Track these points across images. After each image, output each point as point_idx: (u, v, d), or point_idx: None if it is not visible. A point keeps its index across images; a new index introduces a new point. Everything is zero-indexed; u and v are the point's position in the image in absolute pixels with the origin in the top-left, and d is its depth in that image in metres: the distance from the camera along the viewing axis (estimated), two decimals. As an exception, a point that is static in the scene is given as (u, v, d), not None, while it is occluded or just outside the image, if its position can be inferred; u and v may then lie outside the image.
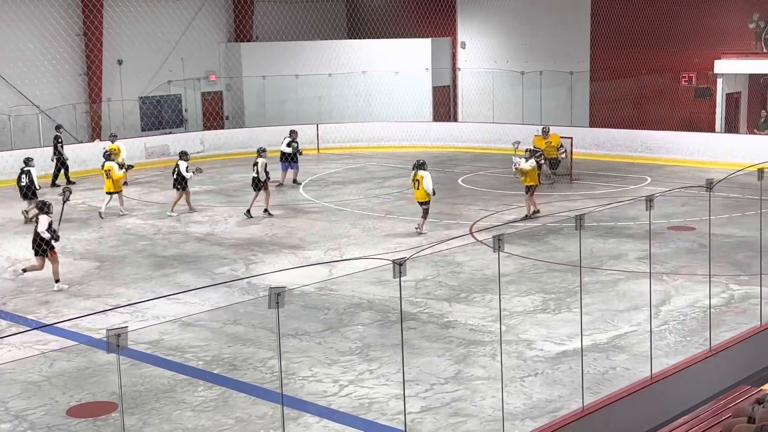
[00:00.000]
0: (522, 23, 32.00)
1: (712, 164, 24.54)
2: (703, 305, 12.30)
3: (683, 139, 25.99)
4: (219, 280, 14.96)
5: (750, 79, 27.67)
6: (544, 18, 31.29)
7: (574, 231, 8.61)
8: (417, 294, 13.83)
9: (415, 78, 32.68)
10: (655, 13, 28.30)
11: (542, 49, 31.43)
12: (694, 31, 27.94)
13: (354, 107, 32.40)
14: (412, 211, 20.03)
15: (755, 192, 16.52)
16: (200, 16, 31.85)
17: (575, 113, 29.94)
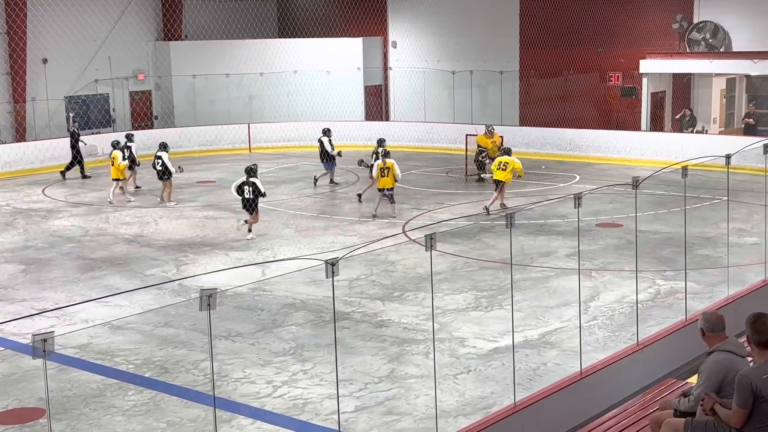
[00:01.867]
0: (452, 23, 32.26)
1: (638, 162, 25.08)
2: (631, 300, 12.55)
3: (610, 138, 26.52)
4: (149, 282, 14.76)
5: (674, 79, 28.35)
6: (475, 18, 31.58)
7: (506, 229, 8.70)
8: (350, 293, 13.83)
9: (346, 77, 32.68)
10: (582, 13, 28.80)
11: (473, 49, 31.73)
12: (620, 32, 28.53)
13: (286, 106, 32.25)
14: (345, 211, 20.04)
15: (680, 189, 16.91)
16: (127, 14, 31.33)
17: (505, 112, 30.29)
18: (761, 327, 5.78)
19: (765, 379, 5.66)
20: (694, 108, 28.28)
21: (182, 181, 23.95)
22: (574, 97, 30.14)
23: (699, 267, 14.47)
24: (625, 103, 29.14)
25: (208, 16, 32.50)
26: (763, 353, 5.78)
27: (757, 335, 5.79)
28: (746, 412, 5.71)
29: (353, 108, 32.81)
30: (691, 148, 23.16)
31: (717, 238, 16.19)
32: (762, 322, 5.79)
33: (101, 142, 28.08)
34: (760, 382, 5.66)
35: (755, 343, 5.81)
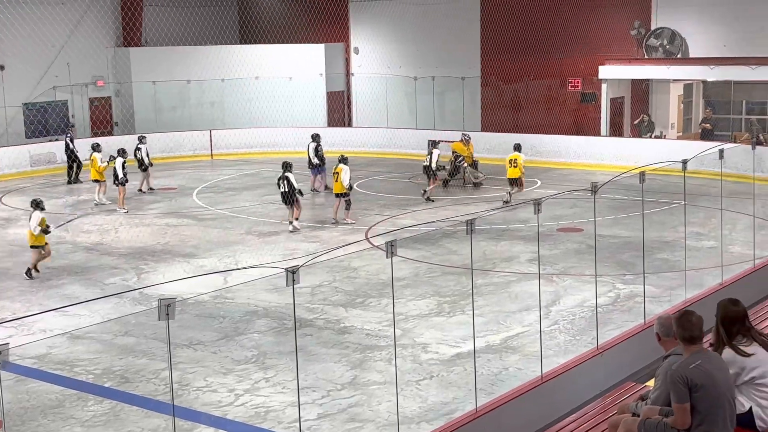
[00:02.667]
0: (414, 29, 32.38)
1: (598, 167, 25.33)
2: (592, 305, 12.66)
3: (571, 143, 26.77)
4: (109, 291, 14.61)
5: (632, 84, 28.69)
6: (436, 24, 31.73)
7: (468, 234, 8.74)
8: (313, 300, 13.80)
9: (309, 83, 32.65)
10: (542, 20, 29.06)
11: (434, 55, 31.87)
12: (580, 38, 28.81)
13: (248, 113, 32.12)
14: (307, 217, 20.00)
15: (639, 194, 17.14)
16: (86, 20, 31.01)
17: (467, 118, 30.44)
18: (686, 323, 5.99)
19: (693, 368, 5.83)
20: (652, 113, 28.63)
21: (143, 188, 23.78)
22: (534, 102, 30.39)
23: (658, 271, 14.64)
24: (585, 109, 29.43)
25: (168, 22, 32.26)
26: (689, 348, 5.99)
27: (682, 331, 6.00)
28: (687, 407, 5.83)
29: (315, 114, 32.79)
30: (650, 153, 23.42)
31: (675, 242, 16.40)
32: (687, 319, 6.00)
33: (60, 150, 27.76)
34: (690, 372, 5.83)
35: (681, 339, 6.03)
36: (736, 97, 28.02)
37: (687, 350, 5.99)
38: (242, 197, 22.98)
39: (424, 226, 18.79)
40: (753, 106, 27.95)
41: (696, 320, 5.99)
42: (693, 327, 5.96)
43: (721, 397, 5.84)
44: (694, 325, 5.97)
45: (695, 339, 5.96)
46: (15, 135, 29.11)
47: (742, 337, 6.24)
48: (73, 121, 30.75)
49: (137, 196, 22.94)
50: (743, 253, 14.64)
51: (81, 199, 23.09)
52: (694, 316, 6.02)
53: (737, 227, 17.52)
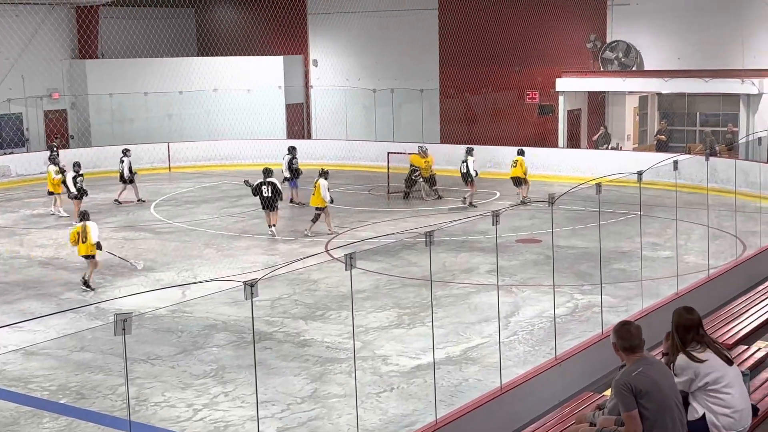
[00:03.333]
0: (373, 41, 32.49)
1: (556, 178, 25.55)
2: (550, 315, 12.75)
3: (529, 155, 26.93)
4: (65, 305, 14.40)
5: (589, 97, 29.04)
6: (395, 36, 31.87)
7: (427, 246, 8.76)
8: (273, 313, 13.73)
9: (267, 95, 32.58)
10: (500, 33, 29.31)
11: (393, 67, 31.99)
12: (537, 51, 29.12)
13: (206, 125, 31.96)
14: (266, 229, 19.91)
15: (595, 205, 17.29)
16: (41, 32, 30.64)
17: (426, 130, 30.57)
18: (626, 333, 6.13)
19: (636, 375, 5.95)
20: (608, 125, 28.99)
21: (99, 202, 23.53)
22: (493, 114, 30.61)
23: (615, 281, 14.80)
24: (543, 121, 29.71)
25: (125, 34, 32.02)
26: (631, 357, 6.10)
27: (622, 341, 6.13)
28: (636, 414, 5.94)
29: (274, 126, 32.70)
30: (607, 165, 23.67)
31: (632, 253, 16.59)
32: (626, 329, 6.14)
33: (15, 163, 27.41)
34: (633, 380, 5.96)
35: (622, 349, 6.16)
36: (690, 109, 28.50)
37: (629, 359, 6.13)
38: (201, 210, 22.82)
39: (384, 238, 18.81)
40: (707, 118, 28.44)
41: (635, 330, 6.14)
42: (632, 336, 6.12)
43: (667, 400, 5.97)
44: (633, 334, 6.12)
45: (635, 348, 6.11)
46: (-32, 148, 28.66)
47: (696, 344, 6.35)
48: (28, 134, 30.35)
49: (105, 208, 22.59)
50: (698, 262, 14.84)
51: (36, 212, 22.77)
52: (632, 326, 6.17)
53: (692, 237, 17.77)
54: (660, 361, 6.27)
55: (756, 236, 16.09)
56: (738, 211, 16.27)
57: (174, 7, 33.94)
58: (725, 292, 12.30)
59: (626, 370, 6.05)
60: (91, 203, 22.19)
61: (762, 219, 16.83)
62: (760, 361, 9.02)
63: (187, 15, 35.55)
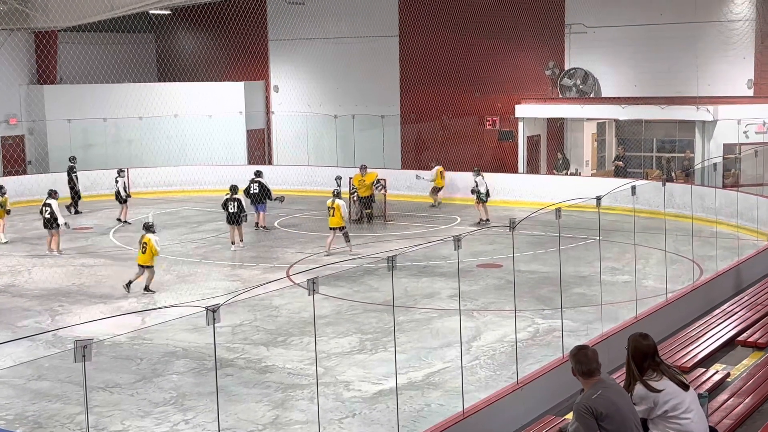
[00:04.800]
0: (334, 68, 32.61)
1: (516, 203, 25.76)
2: (512, 339, 12.81)
3: (489, 180, 27.13)
4: (21, 333, 14.17)
5: (548, 123, 29.37)
6: (356, 63, 32.03)
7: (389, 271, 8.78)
8: (234, 339, 13.64)
9: (228, 121, 32.51)
10: (460, 59, 29.59)
11: (354, 93, 32.13)
12: (497, 77, 29.44)
13: (166, 151, 31.75)
14: (228, 256, 19.82)
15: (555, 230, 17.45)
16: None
17: (387, 155, 30.69)
18: (583, 358, 6.21)
19: (596, 398, 6.03)
20: (567, 151, 29.33)
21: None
22: (453, 140, 30.82)
23: (575, 305, 14.92)
24: (503, 147, 29.97)
25: (84, 60, 31.75)
26: (588, 381, 6.17)
27: (580, 365, 6.20)
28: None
29: (235, 152, 32.61)
30: (566, 190, 23.95)
31: (591, 277, 16.74)
32: (583, 354, 6.22)
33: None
34: (593, 402, 6.03)
35: (580, 373, 6.22)
36: (647, 135, 28.92)
37: (587, 383, 6.20)
38: (161, 236, 22.55)
39: (346, 263, 18.80)
40: (663, 144, 28.88)
41: (591, 354, 6.22)
42: (590, 361, 6.19)
43: (627, 421, 6.06)
44: (590, 358, 6.20)
45: (593, 371, 6.18)
46: None
47: (652, 372, 6.39)
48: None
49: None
50: (656, 287, 15.03)
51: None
52: (589, 350, 6.26)
53: (650, 262, 18.00)
54: (616, 383, 6.34)
55: (712, 260, 16.33)
56: (695, 236, 16.52)
57: (134, 33, 33.83)
58: (683, 316, 12.48)
59: (586, 393, 6.12)
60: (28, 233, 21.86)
61: (718, 243, 17.10)
62: (717, 383, 9.15)
63: (147, 40, 35.44)
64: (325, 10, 31.56)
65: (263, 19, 33.34)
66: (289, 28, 32.78)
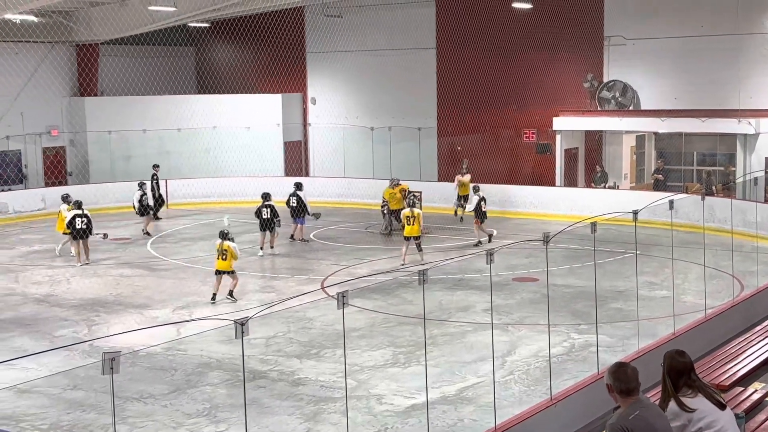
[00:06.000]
0: (371, 80, 32.68)
1: (553, 217, 25.54)
2: (547, 354, 12.66)
3: (526, 193, 27.04)
4: (59, 343, 14.31)
5: (586, 136, 29.13)
6: (393, 75, 32.05)
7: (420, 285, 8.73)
8: (267, 351, 13.65)
9: (266, 133, 32.70)
10: (497, 71, 29.49)
11: (391, 106, 32.14)
12: (534, 90, 29.28)
13: (204, 162, 32.02)
14: (264, 266, 19.87)
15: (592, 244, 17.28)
16: (42, 69, 30.84)
17: (424, 168, 30.64)
18: (622, 376, 6.01)
19: (633, 419, 5.84)
20: (605, 164, 29.06)
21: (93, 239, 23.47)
22: (490, 153, 30.69)
23: (611, 320, 14.73)
24: (540, 160, 29.78)
25: (124, 72, 32.20)
26: (627, 399, 5.98)
27: (618, 383, 6.01)
28: None
29: (273, 164, 32.78)
30: (603, 204, 23.69)
31: (628, 292, 16.52)
32: (623, 371, 6.02)
33: (12, 199, 27.44)
34: (630, 423, 5.84)
35: (618, 391, 6.03)
36: (687, 149, 28.57)
37: (624, 402, 6.01)
38: (198, 247, 22.78)
39: (380, 276, 18.76)
40: (704, 157, 28.51)
41: (631, 372, 6.04)
42: (629, 379, 6.00)
43: None
44: (630, 377, 6.01)
45: (632, 390, 5.99)
46: (-33, 184, 28.69)
47: (687, 389, 6.26)
48: (26, 171, 30.42)
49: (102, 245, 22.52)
50: (695, 302, 14.79)
51: (33, 249, 22.72)
52: (629, 368, 6.07)
53: (689, 277, 17.72)
54: (654, 404, 6.18)
55: (753, 276, 16.04)
56: (735, 251, 16.24)
57: (174, 45, 34.22)
58: (722, 333, 12.24)
59: (622, 413, 5.96)
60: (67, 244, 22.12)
61: (759, 258, 16.79)
62: (756, 403, 8.94)
63: (186, 53, 35.82)
64: (362, 23, 31.67)
65: (301, 32, 33.54)
66: (326, 40, 32.92)
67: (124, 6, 29.12)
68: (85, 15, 30.38)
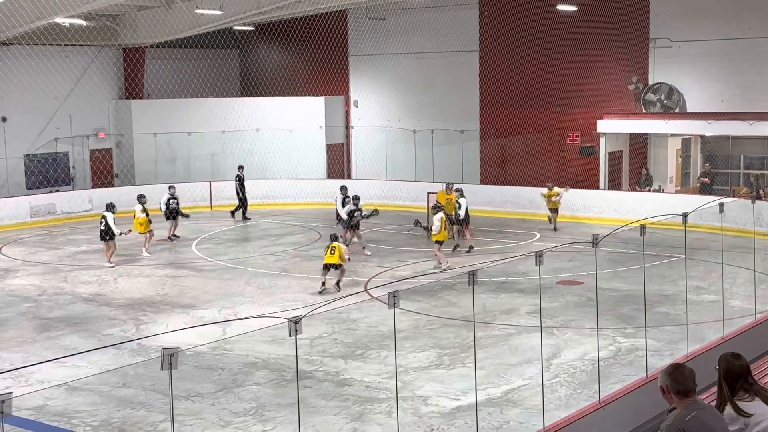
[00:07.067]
0: (413, 82, 32.71)
1: (597, 220, 25.38)
2: (593, 358, 12.60)
3: (569, 196, 26.83)
4: (108, 341, 14.53)
5: (630, 138, 28.89)
6: (436, 77, 32.06)
7: (468, 286, 8.74)
8: (312, 352, 13.72)
9: (309, 135, 32.86)
10: (540, 74, 29.38)
11: (434, 108, 32.14)
12: (578, 92, 29.11)
13: (248, 164, 32.20)
14: (307, 269, 19.98)
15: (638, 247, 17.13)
16: (89, 72, 31.33)
17: (466, 170, 30.59)
18: (680, 377, 5.95)
19: (689, 420, 5.79)
20: (650, 167, 28.79)
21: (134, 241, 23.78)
22: (533, 155, 30.56)
23: (658, 324, 14.59)
24: (584, 162, 29.59)
25: (170, 75, 32.61)
26: (683, 401, 5.93)
27: (676, 384, 5.95)
28: None
29: (315, 166, 32.94)
30: (648, 207, 23.51)
31: (675, 296, 16.37)
32: (680, 372, 5.97)
33: (60, 201, 27.89)
34: (686, 425, 5.79)
35: (675, 393, 5.97)
36: (734, 152, 28.21)
37: (681, 403, 5.96)
38: (242, 248, 22.98)
39: (424, 277, 18.77)
40: (751, 161, 28.13)
41: (688, 373, 5.99)
42: (687, 380, 5.95)
43: None
44: (687, 377, 5.96)
45: (689, 392, 5.94)
46: (15, 186, 29.23)
47: (744, 393, 6.19)
48: (74, 173, 30.93)
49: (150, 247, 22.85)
50: (744, 307, 14.61)
51: (81, 249, 23.08)
52: (686, 369, 6.02)
53: (737, 281, 17.50)
54: (711, 406, 6.12)
55: (803, 280, 15.81)
56: (784, 255, 16.03)
57: (218, 49, 34.56)
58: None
59: (678, 414, 5.91)
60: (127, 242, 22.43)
61: (809, 263, 16.55)
62: (810, 407, 8.79)
63: (231, 56, 36.16)
64: (405, 26, 31.72)
65: (344, 35, 33.69)
66: (369, 43, 33.05)
67: (171, 10, 29.49)
68: (132, 18, 30.81)
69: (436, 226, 19.69)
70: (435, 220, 19.80)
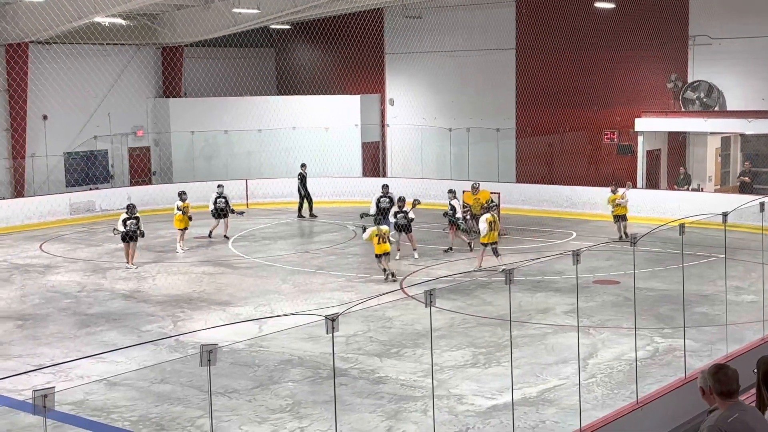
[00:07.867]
0: (449, 81, 32.65)
1: (634, 219, 25.12)
2: (629, 358, 12.52)
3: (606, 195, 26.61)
4: (146, 338, 14.69)
5: (669, 137, 28.60)
6: (471, 76, 31.97)
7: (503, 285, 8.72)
8: (348, 350, 13.77)
9: (344, 134, 32.93)
10: (578, 72, 29.18)
11: (469, 106, 32.06)
12: (616, 90, 28.88)
13: (284, 163, 32.43)
14: (342, 266, 20.04)
15: (676, 246, 16.98)
16: (128, 71, 31.68)
17: (502, 169, 30.48)
18: (723, 377, 5.88)
19: (732, 421, 5.73)
20: (689, 166, 28.48)
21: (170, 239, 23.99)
22: (570, 154, 30.37)
23: (697, 325, 14.45)
24: (622, 161, 29.35)
25: (207, 74, 32.87)
26: (726, 402, 5.86)
27: (719, 385, 5.89)
28: None
29: (351, 164, 33.01)
30: (687, 206, 23.24)
31: (714, 296, 16.20)
32: (723, 373, 5.90)
33: (99, 198, 28.23)
34: (729, 426, 5.72)
35: (718, 394, 5.90)
36: (774, 151, 27.81)
37: (723, 404, 5.90)
38: (278, 246, 23.11)
39: (459, 276, 18.74)
40: (792, 160, 27.73)
41: (732, 373, 5.92)
42: (730, 381, 5.88)
43: None
44: (730, 378, 5.89)
45: (733, 393, 5.87)
46: (56, 183, 29.64)
47: None
48: (113, 171, 31.29)
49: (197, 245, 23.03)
50: (785, 307, 14.40)
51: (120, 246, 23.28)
52: (729, 370, 5.95)
53: (778, 281, 17.24)
54: (754, 407, 6.05)
55: None
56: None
57: (255, 47, 34.77)
58: (814, 339, 11.92)
59: (720, 415, 5.84)
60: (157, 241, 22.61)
61: None
62: None
63: (267, 55, 36.35)
64: (441, 24, 31.66)
65: (380, 33, 33.72)
66: (405, 41, 33.05)
67: (208, 9, 29.72)
68: (170, 18, 31.10)
69: (483, 228, 19.25)
70: (482, 221, 19.47)
